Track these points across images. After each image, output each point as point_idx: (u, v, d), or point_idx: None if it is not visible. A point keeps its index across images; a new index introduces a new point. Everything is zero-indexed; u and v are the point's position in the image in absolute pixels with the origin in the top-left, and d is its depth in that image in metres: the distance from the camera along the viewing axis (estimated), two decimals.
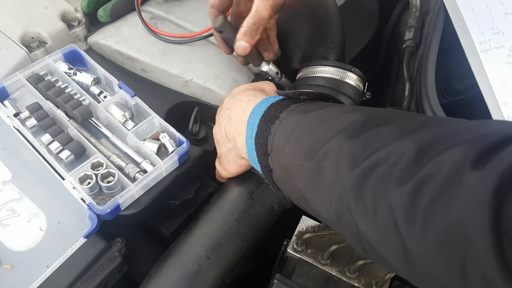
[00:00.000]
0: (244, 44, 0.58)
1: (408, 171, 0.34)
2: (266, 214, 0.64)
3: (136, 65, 0.76)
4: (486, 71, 0.59)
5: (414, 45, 0.74)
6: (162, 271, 0.56)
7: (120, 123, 0.66)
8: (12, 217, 0.58)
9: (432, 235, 0.31)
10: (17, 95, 0.71)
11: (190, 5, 0.83)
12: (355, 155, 0.38)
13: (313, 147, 0.43)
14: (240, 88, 0.61)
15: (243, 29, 0.57)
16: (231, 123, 0.57)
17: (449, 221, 0.30)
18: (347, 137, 0.40)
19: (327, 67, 0.62)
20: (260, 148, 0.51)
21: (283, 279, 0.59)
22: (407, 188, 0.33)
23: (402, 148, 0.35)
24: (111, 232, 0.60)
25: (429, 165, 0.33)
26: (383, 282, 0.59)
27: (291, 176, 0.46)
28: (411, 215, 0.32)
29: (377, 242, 0.37)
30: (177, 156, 0.63)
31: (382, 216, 0.35)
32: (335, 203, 0.40)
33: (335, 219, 0.41)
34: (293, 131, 0.46)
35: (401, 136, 0.36)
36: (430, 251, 0.32)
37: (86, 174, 0.60)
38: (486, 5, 0.63)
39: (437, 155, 0.33)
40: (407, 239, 0.33)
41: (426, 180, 0.32)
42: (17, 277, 0.54)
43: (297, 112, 0.49)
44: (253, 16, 0.57)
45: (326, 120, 0.44)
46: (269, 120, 0.50)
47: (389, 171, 0.35)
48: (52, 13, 0.78)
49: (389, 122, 0.39)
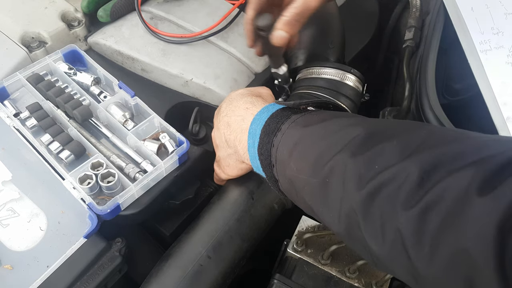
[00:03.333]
0: (283, 34, 0.54)
1: (414, 195, 0.34)
2: (266, 214, 0.64)
3: (136, 65, 0.76)
4: (486, 71, 0.59)
5: (414, 45, 0.74)
6: (163, 270, 0.56)
7: (120, 123, 0.66)
8: (12, 217, 0.58)
9: (440, 259, 0.32)
10: (17, 95, 0.71)
11: (190, 5, 0.83)
12: (361, 175, 0.38)
13: (317, 163, 0.43)
14: (237, 94, 0.60)
15: (286, 18, 0.54)
16: (231, 130, 0.56)
17: (456, 248, 0.31)
18: (351, 155, 0.40)
19: (327, 68, 0.62)
20: (264, 160, 0.51)
21: (283, 279, 0.59)
22: (413, 213, 0.34)
23: (406, 170, 0.35)
24: (111, 232, 0.60)
25: (433, 190, 0.33)
26: (383, 282, 0.59)
27: (298, 190, 0.47)
28: (419, 239, 0.33)
29: (387, 260, 0.38)
30: (177, 156, 0.63)
31: (391, 237, 0.36)
32: (344, 219, 0.40)
33: (345, 234, 0.42)
34: (296, 145, 0.46)
35: (404, 155, 0.37)
36: (438, 273, 0.33)
37: (86, 174, 0.60)
38: (486, 5, 0.63)
39: (441, 179, 0.33)
40: (416, 261, 0.34)
41: (432, 205, 0.33)
42: (17, 277, 0.54)
43: (299, 124, 0.48)
44: (299, 5, 0.53)
45: (329, 134, 0.44)
46: (271, 132, 0.50)
47: (395, 193, 0.35)
48: (52, 13, 0.78)
49: (391, 138, 0.39)
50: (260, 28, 0.56)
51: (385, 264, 0.39)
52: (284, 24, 0.54)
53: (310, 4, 0.53)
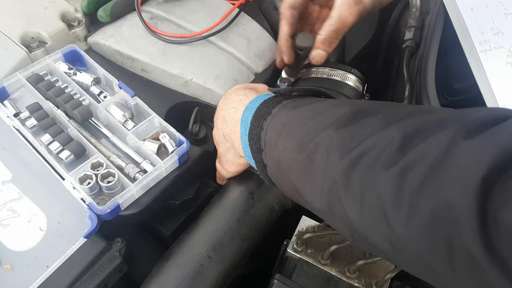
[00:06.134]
0: (322, 53, 0.55)
1: (393, 158, 0.34)
2: (266, 214, 0.64)
3: (136, 65, 0.76)
4: (486, 72, 0.59)
5: (414, 45, 0.74)
6: (164, 270, 0.56)
7: (120, 123, 0.66)
8: (12, 217, 0.58)
9: (419, 218, 0.32)
10: (17, 95, 0.71)
11: (190, 5, 0.83)
12: (344, 145, 0.39)
13: (304, 140, 0.43)
14: (233, 89, 0.60)
15: (321, 37, 0.54)
16: (226, 123, 0.57)
17: (436, 203, 0.30)
18: (336, 129, 0.40)
19: (327, 68, 0.62)
20: (253, 144, 0.51)
21: (283, 279, 0.59)
22: (392, 172, 0.34)
23: (388, 137, 0.36)
24: (111, 232, 0.60)
25: (414, 151, 0.33)
26: (383, 282, 0.59)
27: (284, 170, 0.47)
28: (398, 199, 0.33)
29: (365, 229, 0.37)
30: (177, 156, 0.63)
31: (370, 202, 0.36)
32: (326, 193, 0.41)
33: (327, 209, 0.42)
34: (285, 126, 0.47)
35: (387, 125, 0.37)
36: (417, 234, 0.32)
37: (86, 174, 0.60)
38: (486, 6, 0.63)
39: (422, 141, 0.33)
40: (394, 223, 0.34)
41: (412, 164, 0.33)
42: (17, 277, 0.54)
43: (289, 107, 0.49)
44: (335, 23, 0.53)
45: (317, 113, 0.45)
46: (261, 116, 0.50)
47: (375, 158, 0.35)
48: (52, 13, 0.78)
49: (376, 113, 0.39)
50: (300, 48, 0.56)
51: (363, 234, 0.38)
52: (322, 44, 0.54)
53: (346, 20, 0.52)
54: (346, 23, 0.53)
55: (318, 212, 0.45)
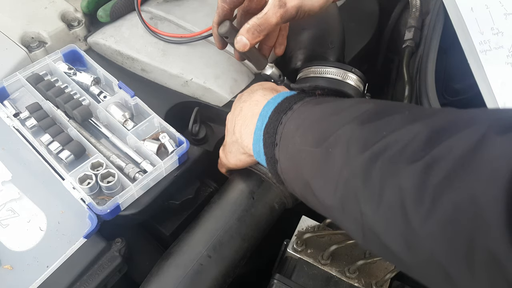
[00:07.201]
0: (245, 41, 0.57)
1: (419, 152, 0.33)
2: (267, 214, 0.63)
3: (136, 65, 0.76)
4: (486, 72, 0.60)
5: (414, 45, 0.74)
6: (164, 270, 0.56)
7: (120, 123, 0.66)
8: (12, 217, 0.58)
9: (441, 213, 0.30)
10: (17, 95, 0.71)
11: (190, 5, 0.83)
12: (367, 139, 0.38)
13: (323, 134, 0.43)
14: (259, 84, 0.62)
15: (248, 26, 0.57)
16: (241, 115, 0.58)
17: (460, 197, 0.29)
18: (359, 123, 0.40)
19: (328, 67, 0.62)
20: (268, 138, 0.51)
21: (283, 279, 0.59)
22: (417, 167, 0.32)
23: (414, 131, 0.34)
24: (111, 232, 0.60)
25: (442, 145, 0.32)
26: (383, 282, 0.59)
27: (298, 165, 0.46)
28: (421, 194, 0.32)
29: (380, 226, 0.36)
30: (177, 156, 0.63)
31: (389, 197, 0.34)
32: (341, 189, 0.40)
33: (339, 206, 0.41)
34: (305, 120, 0.47)
35: (413, 121, 0.36)
36: (436, 230, 0.31)
37: (86, 174, 0.60)
38: (486, 6, 0.63)
39: (451, 135, 0.32)
40: (413, 219, 0.32)
41: (438, 159, 0.31)
42: (17, 277, 0.54)
43: (311, 103, 0.50)
44: (261, 18, 0.56)
45: (340, 109, 0.44)
46: (282, 111, 0.51)
47: (400, 152, 0.34)
48: (52, 13, 0.78)
49: (402, 111, 0.39)
50: (223, 36, 0.60)
51: (377, 232, 0.37)
52: (245, 31, 0.57)
53: (270, 20, 0.56)
54: (270, 22, 0.56)
55: (329, 210, 0.44)
